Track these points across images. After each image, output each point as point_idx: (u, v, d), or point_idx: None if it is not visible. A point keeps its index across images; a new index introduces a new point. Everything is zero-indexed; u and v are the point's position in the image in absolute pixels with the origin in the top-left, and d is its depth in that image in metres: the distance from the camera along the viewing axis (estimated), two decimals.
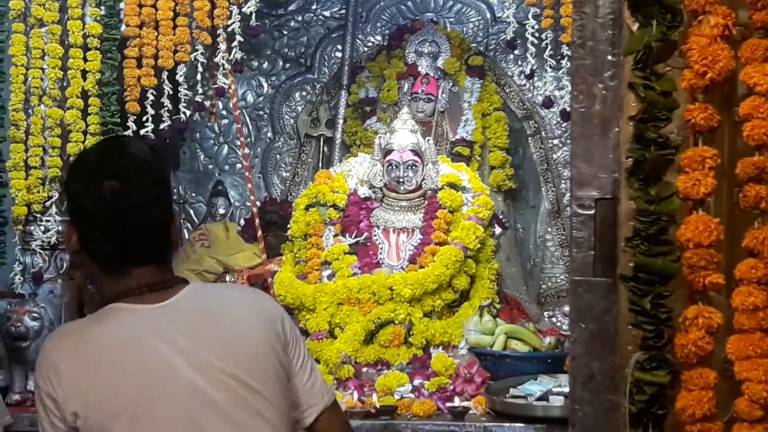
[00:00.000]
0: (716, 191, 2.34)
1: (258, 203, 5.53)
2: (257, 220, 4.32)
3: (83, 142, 4.58)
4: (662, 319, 2.30)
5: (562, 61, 4.74)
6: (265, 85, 6.45)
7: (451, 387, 4.43)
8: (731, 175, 2.37)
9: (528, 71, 4.85)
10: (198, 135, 6.41)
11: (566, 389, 4.01)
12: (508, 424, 4.09)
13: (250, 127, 6.42)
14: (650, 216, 2.30)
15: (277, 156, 6.39)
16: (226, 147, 6.45)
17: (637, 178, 2.33)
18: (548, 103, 5.20)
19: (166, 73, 4.67)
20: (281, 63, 6.46)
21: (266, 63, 6.46)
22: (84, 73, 4.61)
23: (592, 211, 2.67)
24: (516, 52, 5.81)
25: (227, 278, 5.33)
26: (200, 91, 4.79)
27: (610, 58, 2.69)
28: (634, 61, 2.39)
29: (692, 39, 2.36)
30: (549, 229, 6.00)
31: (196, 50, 4.70)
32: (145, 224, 2.07)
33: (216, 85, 4.83)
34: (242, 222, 6.08)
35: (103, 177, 2.04)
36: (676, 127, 2.44)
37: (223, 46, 4.59)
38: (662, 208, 2.30)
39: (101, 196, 2.03)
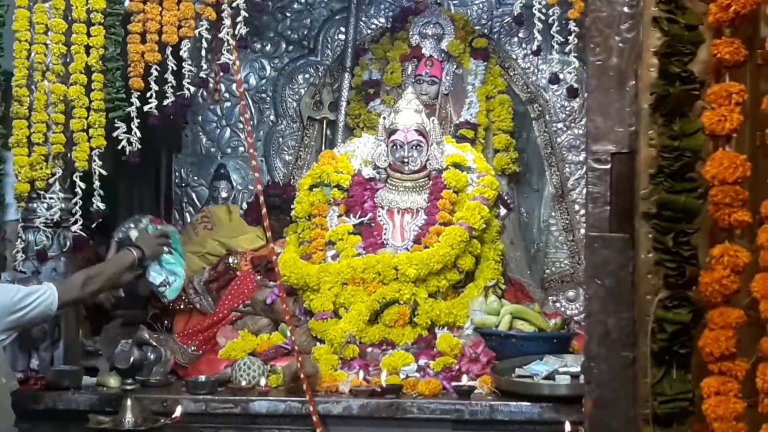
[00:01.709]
0: (739, 133, 2.31)
1: (260, 186, 5.49)
2: (261, 199, 4.26)
3: (86, 118, 4.55)
4: (685, 256, 2.27)
5: (568, 38, 4.70)
6: (268, 67, 6.39)
7: (457, 367, 4.41)
8: (753, 118, 2.34)
9: (534, 48, 4.79)
10: (200, 118, 6.36)
11: (572, 369, 4.00)
12: (514, 403, 4.06)
13: (253, 110, 6.36)
14: (674, 152, 2.27)
15: (280, 139, 6.33)
16: (228, 130, 6.38)
17: (660, 114, 2.29)
18: (554, 79, 5.13)
19: (170, 48, 4.63)
20: (284, 45, 6.40)
21: (269, 45, 6.40)
22: (87, 49, 4.57)
23: (608, 166, 2.65)
24: (521, 34, 5.77)
25: (230, 260, 5.29)
26: (204, 67, 4.75)
27: (626, 9, 2.66)
28: None
29: None
30: (553, 214, 5.96)
31: (201, 26, 4.67)
32: None
33: (220, 62, 4.78)
34: (244, 206, 6.04)
35: None
36: (700, 70, 2.40)
37: (227, 22, 4.52)
38: (686, 144, 2.27)
39: None
